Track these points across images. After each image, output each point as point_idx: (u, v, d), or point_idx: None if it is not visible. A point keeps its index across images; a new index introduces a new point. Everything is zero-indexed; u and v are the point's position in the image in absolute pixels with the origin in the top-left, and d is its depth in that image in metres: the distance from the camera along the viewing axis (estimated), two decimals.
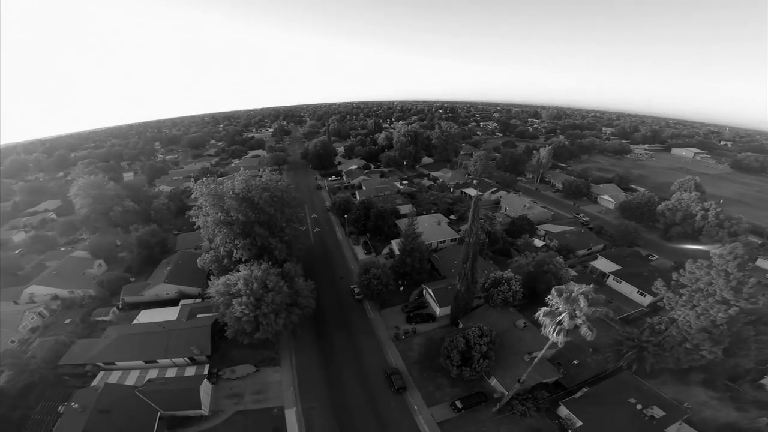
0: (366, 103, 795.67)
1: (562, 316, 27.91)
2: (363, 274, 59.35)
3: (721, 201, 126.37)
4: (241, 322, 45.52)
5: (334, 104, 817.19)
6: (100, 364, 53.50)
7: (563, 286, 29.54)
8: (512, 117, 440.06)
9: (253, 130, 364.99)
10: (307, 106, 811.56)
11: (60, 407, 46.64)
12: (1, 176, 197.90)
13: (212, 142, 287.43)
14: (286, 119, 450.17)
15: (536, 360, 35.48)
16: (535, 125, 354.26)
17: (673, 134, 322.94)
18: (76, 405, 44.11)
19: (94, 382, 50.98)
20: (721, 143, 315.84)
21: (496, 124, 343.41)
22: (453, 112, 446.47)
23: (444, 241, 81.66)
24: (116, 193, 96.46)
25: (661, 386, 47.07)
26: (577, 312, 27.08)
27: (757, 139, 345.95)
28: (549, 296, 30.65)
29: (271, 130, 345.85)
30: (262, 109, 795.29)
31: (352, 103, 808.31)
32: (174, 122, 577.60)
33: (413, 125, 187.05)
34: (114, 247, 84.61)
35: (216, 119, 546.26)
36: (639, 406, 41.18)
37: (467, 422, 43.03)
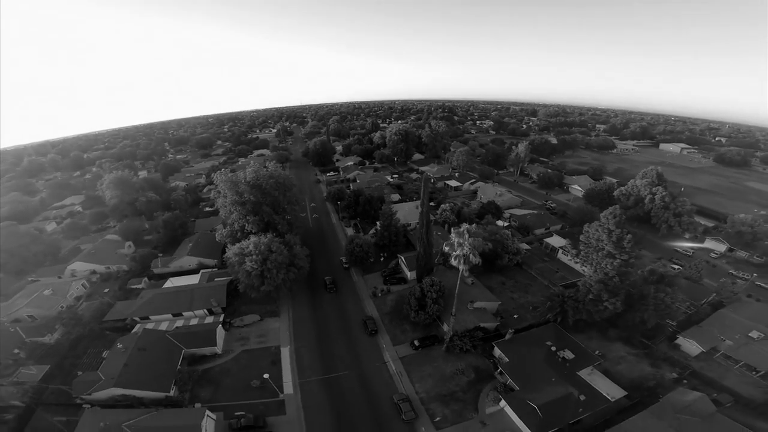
0: (368, 103, 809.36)
1: (456, 247, 40.30)
2: (349, 244, 72.80)
3: (682, 189, 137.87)
4: (251, 276, 59.08)
5: (337, 104, 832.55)
6: (137, 318, 67.00)
7: (459, 226, 42.05)
8: (510, 115, 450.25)
9: (257, 131, 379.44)
10: (310, 107, 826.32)
11: (104, 353, 60.04)
12: (23, 175, 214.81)
13: (219, 142, 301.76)
14: (289, 120, 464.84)
15: (455, 298, 47.58)
16: (530, 123, 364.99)
17: (665, 130, 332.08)
18: (121, 345, 57.37)
19: (133, 331, 64.44)
20: (716, 139, 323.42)
21: (491, 122, 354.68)
22: (451, 111, 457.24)
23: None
24: (140, 186, 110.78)
25: (587, 341, 56.89)
26: (465, 243, 39.53)
27: (755, 135, 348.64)
28: (451, 233, 43.10)
29: (274, 130, 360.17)
30: (265, 110, 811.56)
31: (354, 103, 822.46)
32: (179, 123, 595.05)
33: (405, 124, 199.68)
34: (141, 230, 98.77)
35: (220, 120, 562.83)
36: (553, 348, 52.30)
37: (422, 357, 55.42)
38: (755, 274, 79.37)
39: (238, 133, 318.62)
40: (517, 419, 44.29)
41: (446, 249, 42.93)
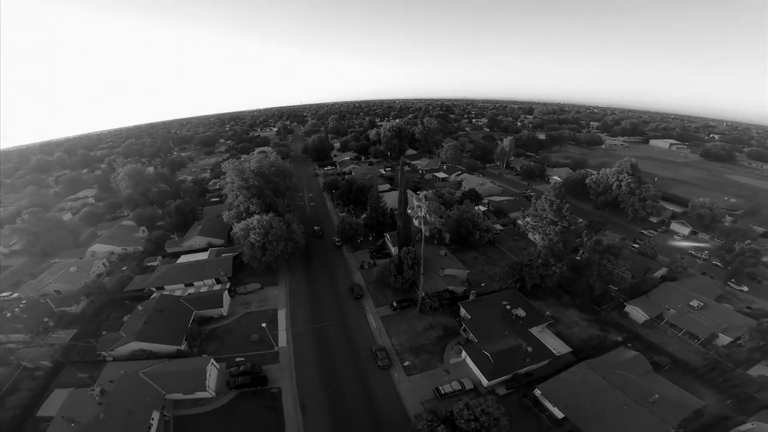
0: (368, 102, 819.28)
1: (416, 209, 49.52)
2: (340, 223, 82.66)
3: (656, 179, 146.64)
4: (254, 248, 68.87)
5: (337, 103, 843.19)
6: (154, 288, 76.34)
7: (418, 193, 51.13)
8: (507, 113, 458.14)
9: (259, 130, 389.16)
10: (310, 106, 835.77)
11: (125, 317, 68.89)
12: (34, 172, 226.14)
13: (221, 140, 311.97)
14: (289, 119, 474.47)
15: (422, 257, 56.54)
16: (525, 121, 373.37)
17: (657, 127, 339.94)
18: (141, 308, 66.59)
19: (152, 297, 73.62)
20: (710, 136, 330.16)
21: (486, 120, 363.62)
22: (448, 110, 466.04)
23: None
24: (152, 178, 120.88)
25: (545, 307, 64.42)
26: (423, 206, 48.67)
27: (750, 133, 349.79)
28: (412, 198, 52.26)
29: (275, 129, 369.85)
30: (266, 110, 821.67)
31: (354, 102, 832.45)
32: (181, 123, 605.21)
33: (399, 122, 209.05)
34: (154, 217, 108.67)
35: (222, 120, 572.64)
36: (508, 307, 60.49)
37: (399, 317, 64.39)
38: (706, 251, 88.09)
39: (240, 132, 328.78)
40: (474, 367, 51.72)
41: (409, 212, 52.22)
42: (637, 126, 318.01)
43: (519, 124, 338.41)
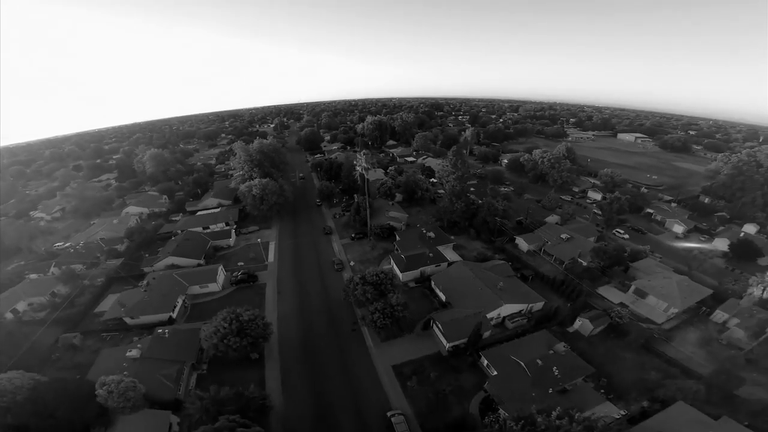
0: (364, 101, 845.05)
1: (357, 162, 76.44)
2: (320, 186, 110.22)
3: (588, 160, 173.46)
4: (255, 199, 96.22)
5: (334, 101, 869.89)
6: (179, 231, 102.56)
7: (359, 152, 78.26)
8: (495, 111, 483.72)
9: (257, 126, 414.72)
10: (307, 104, 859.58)
11: (158, 250, 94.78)
12: (53, 162, 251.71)
13: (223, 135, 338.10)
14: (286, 116, 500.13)
15: (367, 192, 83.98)
16: (510, 117, 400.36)
17: (630, 123, 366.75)
18: (174, 239, 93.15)
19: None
20: (687, 132, 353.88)
21: (468, 116, 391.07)
22: (438, 107, 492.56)
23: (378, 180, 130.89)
24: (170, 159, 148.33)
25: (458, 239, 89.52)
26: (362, 159, 75.72)
27: (727, 130, 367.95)
28: (357, 155, 79.39)
29: (272, 125, 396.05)
30: (263, 108, 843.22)
31: (350, 100, 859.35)
32: (180, 120, 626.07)
33: (381, 117, 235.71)
34: (173, 189, 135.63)
35: (221, 117, 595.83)
36: (423, 231, 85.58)
37: (356, 244, 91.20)
38: (595, 204, 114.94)
39: (240, 127, 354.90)
40: (396, 268, 74.71)
41: (354, 162, 79.26)
42: (607, 121, 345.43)
43: (501, 120, 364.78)
